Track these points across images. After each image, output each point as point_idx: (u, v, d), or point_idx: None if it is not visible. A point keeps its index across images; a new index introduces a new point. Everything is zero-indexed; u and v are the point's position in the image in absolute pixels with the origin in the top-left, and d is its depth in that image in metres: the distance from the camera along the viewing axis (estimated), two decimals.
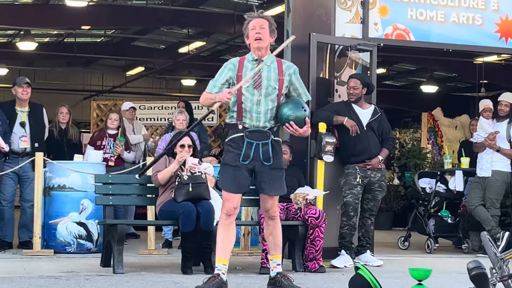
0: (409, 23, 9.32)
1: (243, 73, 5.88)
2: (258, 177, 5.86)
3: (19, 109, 9.05)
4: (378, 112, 8.42)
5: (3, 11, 15.42)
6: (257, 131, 5.81)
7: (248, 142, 5.79)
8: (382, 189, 8.39)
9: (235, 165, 5.80)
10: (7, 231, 8.94)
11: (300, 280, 6.75)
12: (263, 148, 5.81)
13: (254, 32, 5.86)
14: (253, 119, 5.82)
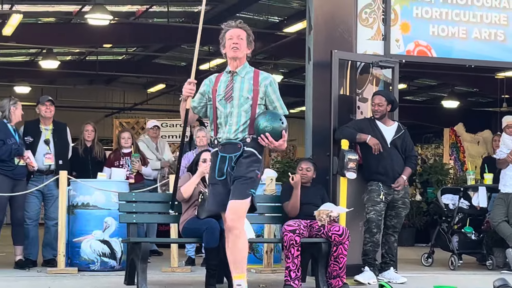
0: (431, 39, 9.33)
1: (218, 86, 5.80)
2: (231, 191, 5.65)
3: (43, 127, 9.10)
4: (402, 129, 8.41)
5: (26, 30, 15.54)
6: (229, 144, 5.68)
7: (221, 156, 5.68)
8: (405, 206, 8.37)
9: (213, 183, 5.70)
10: (32, 249, 8.96)
11: None
12: (235, 160, 5.67)
13: (232, 42, 5.76)
14: (225, 132, 5.70)
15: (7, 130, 8.58)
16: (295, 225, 7.37)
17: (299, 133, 22.85)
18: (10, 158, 8.48)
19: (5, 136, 8.49)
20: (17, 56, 19.81)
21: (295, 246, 7.24)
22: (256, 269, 8.87)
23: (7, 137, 8.51)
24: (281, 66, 19.34)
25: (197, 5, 15.35)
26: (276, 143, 5.62)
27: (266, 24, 16.15)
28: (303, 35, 9.33)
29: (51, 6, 15.10)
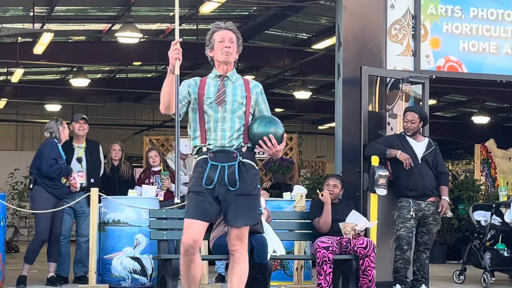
0: (461, 55, 9.30)
1: (205, 90, 5.25)
2: (224, 206, 5.13)
3: (76, 145, 9.18)
4: (433, 145, 8.38)
5: (57, 48, 15.69)
6: (222, 152, 5.15)
7: (212, 164, 5.11)
8: (436, 223, 8.32)
9: (198, 191, 5.10)
10: (64, 266, 9.02)
11: None
12: (228, 171, 5.12)
13: (223, 45, 5.26)
14: (218, 138, 5.17)
15: (58, 150, 8.69)
16: (328, 242, 7.36)
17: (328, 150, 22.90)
18: (59, 178, 8.59)
19: (57, 156, 8.60)
20: (48, 75, 19.98)
21: (327, 263, 7.24)
22: (287, 286, 8.86)
23: (58, 156, 8.62)
24: (309, 82, 19.34)
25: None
26: (278, 147, 5.16)
27: (295, 41, 16.18)
28: (331, 51, 9.37)
29: (81, 24, 15.24)
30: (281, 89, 21.26)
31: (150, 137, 15.98)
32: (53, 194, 8.58)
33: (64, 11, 13.91)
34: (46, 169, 8.52)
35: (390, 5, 9.06)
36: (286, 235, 8.02)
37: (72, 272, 9.18)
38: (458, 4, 9.33)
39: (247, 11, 14.55)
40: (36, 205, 8.72)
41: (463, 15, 9.35)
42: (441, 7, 9.28)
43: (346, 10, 8.88)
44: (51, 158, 8.55)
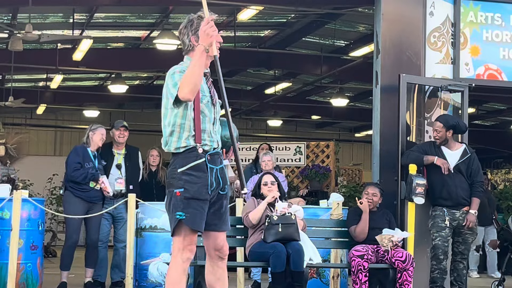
0: (501, 62, 9.23)
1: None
2: (212, 209, 4.91)
3: (116, 151, 9.22)
4: (468, 152, 8.28)
5: (95, 55, 15.85)
6: (216, 154, 4.92)
7: (210, 167, 4.86)
8: (472, 232, 8.24)
9: (204, 199, 4.84)
10: (101, 271, 9.07)
11: None
12: (221, 174, 4.93)
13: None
14: (213, 140, 4.93)
15: (86, 154, 8.77)
16: (363, 250, 7.34)
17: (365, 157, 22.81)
18: (85, 182, 8.67)
19: (83, 160, 8.69)
20: (86, 81, 20.20)
21: (363, 272, 7.21)
22: None
23: (86, 161, 8.71)
24: (346, 90, 19.31)
25: (263, 30, 15.48)
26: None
27: (332, 48, 16.17)
28: (369, 58, 9.35)
29: (120, 31, 15.38)
30: (318, 96, 21.25)
31: None
32: (81, 197, 8.66)
33: (103, 18, 14.05)
34: (70, 173, 8.68)
35: (429, 13, 9.02)
36: (322, 243, 8.02)
37: (109, 277, 9.23)
38: (498, 11, 9.27)
39: (285, 18, 14.58)
40: (65, 209, 8.84)
41: (503, 23, 9.28)
42: (481, 14, 9.22)
43: (384, 18, 8.86)
44: (75, 163, 8.67)
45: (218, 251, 5.02)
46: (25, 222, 8.26)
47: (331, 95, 19.49)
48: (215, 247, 5.01)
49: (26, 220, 8.29)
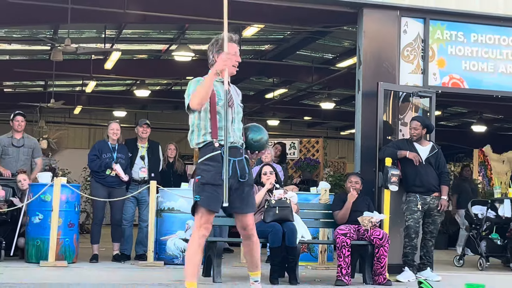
0: (463, 73, 9.24)
1: (215, 91, 4.98)
2: (234, 195, 4.95)
3: (140, 145, 9.24)
4: (436, 148, 8.30)
5: (123, 65, 15.85)
6: (233, 148, 4.95)
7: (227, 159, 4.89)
8: (440, 214, 8.24)
9: (218, 184, 4.87)
10: (127, 245, 9.10)
11: None
12: (239, 165, 4.99)
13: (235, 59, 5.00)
14: (230, 136, 4.94)
15: (105, 147, 8.83)
16: (346, 229, 7.34)
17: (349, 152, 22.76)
18: (101, 170, 8.68)
19: (100, 152, 8.75)
20: (115, 86, 20.19)
21: (346, 247, 7.20)
22: (312, 266, 8.84)
23: (104, 153, 8.76)
24: (333, 95, 19.29)
25: (264, 44, 15.46)
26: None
27: (322, 60, 16.15)
28: (353, 69, 9.34)
29: (144, 45, 15.38)
30: (309, 100, 21.22)
31: None
32: (100, 183, 8.75)
33: (130, 34, 14.05)
34: (88, 164, 8.90)
35: (403, 31, 9.01)
36: (312, 223, 8.01)
37: (133, 251, 9.25)
38: (461, 30, 9.27)
39: (282, 35, 14.56)
40: (91, 193, 8.99)
41: (465, 40, 9.28)
42: (446, 32, 9.22)
43: (366, 35, 8.85)
44: (91, 155, 8.82)
45: (244, 229, 5.07)
46: (63, 204, 8.28)
47: (320, 99, 19.46)
48: (242, 226, 5.07)
49: (65, 203, 8.31)
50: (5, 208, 8.54)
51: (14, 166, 9.12)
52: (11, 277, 6.85)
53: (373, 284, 7.29)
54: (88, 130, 23.15)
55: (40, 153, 9.63)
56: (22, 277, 6.88)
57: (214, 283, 6.87)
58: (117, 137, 8.87)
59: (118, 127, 8.93)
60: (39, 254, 8.20)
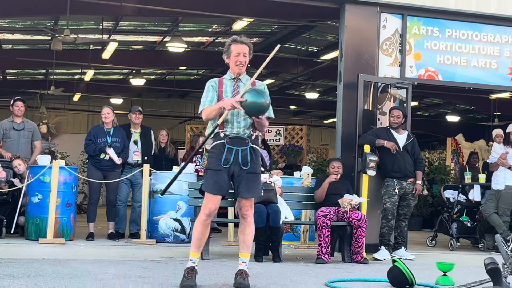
0: (438, 66, 9.25)
1: (223, 89, 5.12)
2: (236, 181, 5.04)
3: (133, 130, 9.23)
4: (411, 137, 8.35)
5: (120, 55, 15.78)
6: (237, 138, 5.02)
7: (228, 147, 5.00)
8: (414, 198, 8.30)
9: (217, 169, 4.99)
10: (121, 224, 9.10)
11: (348, 269, 6.73)
12: (242, 154, 5.02)
13: (238, 59, 5.09)
14: (234, 128, 5.04)
15: (101, 132, 8.80)
16: (327, 211, 7.36)
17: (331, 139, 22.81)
18: (95, 154, 8.67)
19: (96, 137, 8.71)
20: (113, 75, 20.08)
21: (326, 228, 7.23)
22: (295, 245, 8.87)
23: (99, 137, 8.73)
24: (317, 86, 19.28)
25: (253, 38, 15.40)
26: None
27: (307, 53, 16.12)
28: (335, 61, 9.32)
29: (140, 36, 15.27)
30: (295, 90, 21.21)
31: (191, 125, 16.06)
32: (95, 166, 8.73)
33: (126, 26, 13.95)
34: (84, 148, 8.90)
35: (382, 26, 9.01)
36: (295, 205, 8.03)
37: (127, 230, 9.24)
38: (436, 26, 9.28)
39: (270, 28, 14.51)
40: (88, 175, 8.95)
41: (440, 35, 9.29)
42: (423, 28, 9.22)
43: (347, 29, 8.84)
44: (87, 140, 8.81)
45: (240, 209, 5.16)
46: (61, 185, 8.26)
47: (305, 89, 19.45)
48: (239, 206, 5.16)
49: (63, 184, 8.28)
50: (6, 189, 8.50)
51: (16, 148, 9.09)
52: (12, 253, 6.84)
53: (351, 262, 7.33)
54: (86, 116, 23.04)
55: (39, 136, 9.58)
56: (22, 253, 6.87)
57: (203, 260, 6.87)
58: (109, 120, 8.81)
59: (108, 111, 8.88)
60: (38, 232, 8.18)
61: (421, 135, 18.27)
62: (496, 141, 9.75)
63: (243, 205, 5.12)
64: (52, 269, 5.69)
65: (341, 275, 6.08)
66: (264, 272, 6.07)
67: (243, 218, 5.16)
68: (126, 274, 5.57)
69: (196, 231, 5.06)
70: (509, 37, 9.56)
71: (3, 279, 5.00)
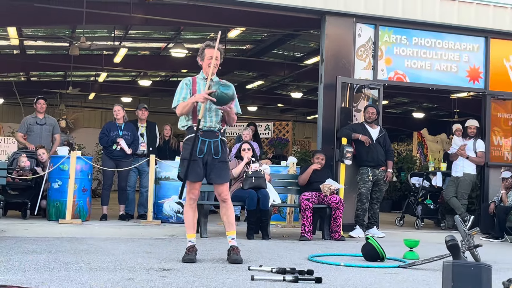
0: (405, 69, 9.26)
1: (197, 87, 5.04)
2: (208, 169, 5.00)
3: (139, 125, 9.22)
4: (383, 131, 8.36)
5: (129, 59, 15.73)
6: (209, 131, 4.99)
7: (202, 140, 4.97)
8: (385, 184, 8.32)
9: (192, 159, 4.94)
10: (130, 207, 9.09)
11: (327, 245, 6.74)
12: (213, 145, 4.99)
13: (210, 62, 5.00)
14: (206, 122, 4.99)
15: (113, 126, 8.76)
16: (309, 195, 7.37)
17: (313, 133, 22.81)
18: (109, 145, 8.63)
19: (109, 131, 8.67)
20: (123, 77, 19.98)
21: (308, 210, 7.24)
22: (281, 225, 8.88)
23: (111, 131, 8.69)
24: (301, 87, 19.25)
25: (245, 44, 15.37)
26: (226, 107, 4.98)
27: (292, 58, 16.09)
28: (317, 65, 9.29)
29: (146, 43, 15.20)
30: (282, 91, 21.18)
31: None
32: (109, 156, 8.70)
33: (135, 34, 13.88)
34: (99, 141, 8.81)
35: (358, 34, 9.00)
36: (282, 190, 8.03)
37: (136, 212, 9.22)
38: (404, 34, 9.28)
39: (260, 36, 14.47)
40: (102, 164, 8.90)
41: (408, 42, 9.29)
42: (393, 36, 9.22)
43: (327, 37, 8.83)
44: (101, 133, 8.77)
45: (219, 195, 5.10)
46: (78, 172, 8.23)
47: (291, 90, 19.42)
48: (217, 192, 5.10)
49: (79, 171, 8.26)
50: (30, 176, 8.46)
51: (38, 141, 9.07)
52: (35, 232, 6.82)
53: (330, 239, 7.34)
54: (100, 113, 22.93)
55: (59, 130, 9.55)
56: (44, 232, 6.84)
57: (202, 238, 6.89)
58: (120, 116, 8.79)
59: (119, 108, 8.86)
60: (58, 214, 8.15)
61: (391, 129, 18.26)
62: (456, 135, 9.80)
63: (221, 191, 5.07)
64: (70, 245, 5.68)
65: (321, 251, 6.10)
66: (255, 248, 6.08)
67: (224, 202, 5.11)
68: (135, 250, 5.56)
69: (187, 214, 5.05)
70: (467, 44, 9.58)
71: (28, 254, 4.99)
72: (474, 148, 9.32)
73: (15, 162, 8.43)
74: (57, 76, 19.24)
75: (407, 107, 22.12)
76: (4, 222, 7.61)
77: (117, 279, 4.06)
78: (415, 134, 16.06)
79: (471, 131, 9.38)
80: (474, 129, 9.37)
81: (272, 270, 4.56)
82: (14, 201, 8.43)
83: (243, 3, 8.53)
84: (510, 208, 8.37)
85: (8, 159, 8.52)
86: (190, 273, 4.43)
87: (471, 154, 9.30)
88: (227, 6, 8.77)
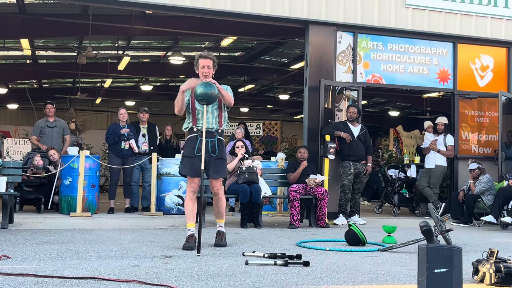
0: (382, 72, 9.27)
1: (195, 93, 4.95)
2: (207, 165, 5.00)
3: (141, 126, 9.18)
4: (364, 128, 8.37)
5: (132, 66, 15.65)
6: (207, 131, 4.97)
7: (200, 139, 4.97)
8: (366, 176, 8.33)
9: (191, 157, 4.98)
10: (135, 200, 9.04)
11: (314, 232, 6.74)
12: (211, 144, 5.00)
13: (204, 70, 5.02)
14: (203, 123, 4.95)
15: (117, 128, 8.74)
16: (297, 187, 7.37)
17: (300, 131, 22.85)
18: (115, 142, 8.66)
19: (114, 132, 8.64)
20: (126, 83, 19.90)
21: (296, 200, 7.25)
22: (272, 214, 8.88)
23: (116, 131, 8.64)
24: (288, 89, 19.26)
25: (237, 51, 15.34)
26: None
27: (280, 63, 16.09)
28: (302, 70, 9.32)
29: (147, 52, 15.14)
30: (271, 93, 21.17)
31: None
32: (116, 154, 8.67)
33: (137, 43, 13.82)
34: (106, 139, 8.77)
35: (338, 41, 9.00)
36: (272, 183, 8.04)
37: (140, 204, 9.19)
38: (380, 41, 9.30)
39: (250, 44, 14.45)
40: (109, 162, 8.84)
41: (384, 48, 9.31)
42: (370, 42, 9.23)
43: (311, 44, 8.83)
44: (107, 134, 8.74)
45: (213, 188, 5.14)
46: (87, 170, 8.19)
47: (279, 92, 19.43)
48: (211, 186, 5.13)
49: (88, 169, 8.22)
50: (43, 174, 8.41)
51: (50, 142, 9.02)
52: (48, 224, 6.78)
53: (316, 227, 7.36)
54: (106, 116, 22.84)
55: (69, 132, 9.50)
56: (57, 224, 6.81)
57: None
58: (124, 118, 8.77)
59: (124, 112, 8.84)
60: (70, 208, 8.12)
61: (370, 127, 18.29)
62: (427, 131, 9.83)
63: (214, 185, 5.10)
64: (81, 236, 5.65)
65: (308, 237, 6.11)
66: (248, 235, 6.07)
67: (216, 195, 5.17)
68: (140, 239, 5.55)
69: (187, 206, 5.07)
70: (437, 49, 9.61)
71: (42, 245, 4.97)
72: (445, 143, 9.37)
73: (30, 161, 8.40)
74: (66, 83, 19.13)
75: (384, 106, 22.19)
76: (20, 216, 7.57)
77: (124, 266, 4.04)
78: (391, 131, 16.11)
79: (439, 128, 9.43)
80: (442, 125, 9.43)
81: (264, 255, 4.57)
82: (29, 197, 8.39)
83: (234, 15, 8.52)
84: (477, 196, 8.42)
85: (23, 159, 8.48)
86: (190, 259, 4.43)
87: (442, 148, 9.35)
88: (220, 17, 8.75)
